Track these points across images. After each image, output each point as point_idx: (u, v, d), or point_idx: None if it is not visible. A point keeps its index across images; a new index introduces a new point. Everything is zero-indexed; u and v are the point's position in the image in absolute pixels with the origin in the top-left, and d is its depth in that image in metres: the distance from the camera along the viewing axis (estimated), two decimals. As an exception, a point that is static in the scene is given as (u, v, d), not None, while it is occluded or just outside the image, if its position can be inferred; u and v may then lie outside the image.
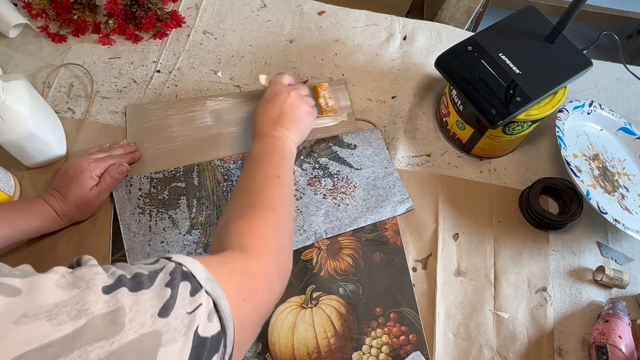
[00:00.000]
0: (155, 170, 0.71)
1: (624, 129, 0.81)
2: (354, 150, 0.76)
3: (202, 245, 0.67)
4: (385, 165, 0.75)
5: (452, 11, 1.32)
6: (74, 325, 0.28)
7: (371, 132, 0.78)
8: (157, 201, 0.69)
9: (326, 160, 0.75)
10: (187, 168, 0.72)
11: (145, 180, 0.70)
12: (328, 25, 0.89)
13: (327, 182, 0.73)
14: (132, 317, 0.31)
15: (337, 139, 0.77)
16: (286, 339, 0.63)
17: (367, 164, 0.75)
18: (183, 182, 0.71)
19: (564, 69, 0.68)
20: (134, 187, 0.69)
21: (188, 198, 0.70)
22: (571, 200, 0.72)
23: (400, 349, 0.64)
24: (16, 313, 0.27)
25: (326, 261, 0.68)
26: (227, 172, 0.72)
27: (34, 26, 0.81)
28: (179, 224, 0.68)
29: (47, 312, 0.28)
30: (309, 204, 0.71)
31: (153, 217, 0.68)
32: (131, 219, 0.67)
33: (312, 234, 0.69)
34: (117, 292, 0.31)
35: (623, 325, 0.63)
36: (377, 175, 0.74)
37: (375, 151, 0.76)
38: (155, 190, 0.70)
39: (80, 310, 0.29)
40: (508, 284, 0.69)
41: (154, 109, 0.76)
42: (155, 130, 0.75)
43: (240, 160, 0.73)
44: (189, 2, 0.88)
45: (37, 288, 0.29)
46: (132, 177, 0.70)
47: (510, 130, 0.70)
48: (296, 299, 0.65)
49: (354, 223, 0.70)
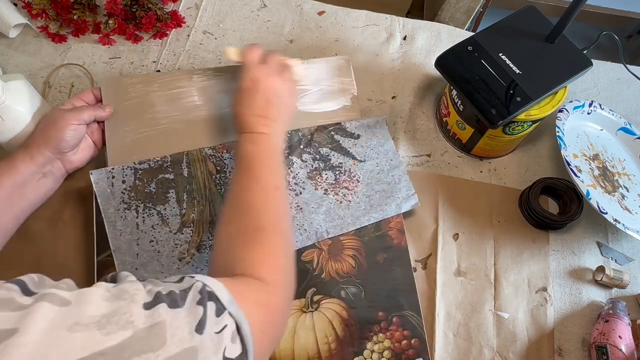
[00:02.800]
0: (140, 160, 0.65)
1: (624, 129, 0.81)
2: (357, 140, 0.73)
3: (195, 245, 0.63)
4: (391, 158, 0.72)
5: (452, 11, 1.32)
6: (122, 335, 0.30)
7: (376, 121, 0.74)
8: (143, 195, 0.63)
9: (327, 151, 0.71)
10: (175, 158, 0.66)
11: (129, 171, 0.64)
12: (328, 25, 0.89)
13: (328, 175, 0.70)
14: (172, 332, 0.32)
15: (339, 126, 0.73)
16: (286, 344, 0.61)
17: (372, 155, 0.72)
18: (171, 173, 0.65)
19: (564, 69, 0.68)
20: (117, 180, 0.63)
21: (177, 191, 0.65)
22: (571, 200, 0.72)
23: (402, 354, 0.63)
24: (69, 321, 0.29)
25: (327, 262, 0.66)
26: (220, 162, 0.67)
27: (34, 26, 0.81)
28: (168, 220, 0.63)
29: (96, 322, 0.30)
30: (309, 201, 0.68)
31: (140, 213, 0.63)
32: (116, 216, 0.62)
33: (312, 233, 0.66)
34: (158, 308, 0.32)
35: (623, 325, 0.63)
36: (382, 169, 0.71)
37: (380, 142, 0.73)
38: (141, 183, 0.64)
39: (127, 322, 0.30)
40: (508, 284, 0.69)
41: (132, 83, 0.69)
42: (136, 111, 0.68)
43: (233, 150, 0.67)
44: (189, 2, 0.88)
45: (85, 300, 0.31)
46: (113, 167, 0.64)
47: (510, 130, 0.70)
48: (296, 303, 0.63)
49: (357, 222, 0.68)
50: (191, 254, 0.63)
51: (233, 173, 0.59)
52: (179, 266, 0.62)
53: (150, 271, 0.61)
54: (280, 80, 0.63)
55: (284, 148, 0.63)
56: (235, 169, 0.58)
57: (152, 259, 0.61)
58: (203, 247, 0.63)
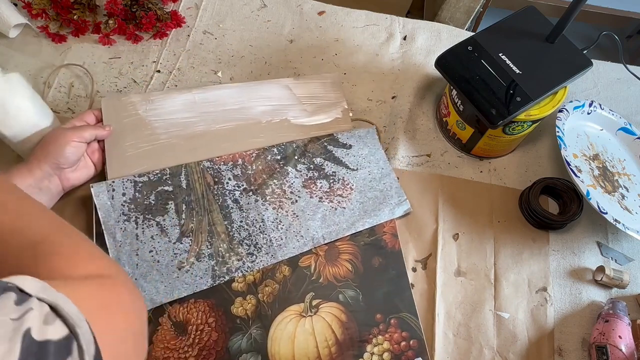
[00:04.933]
0: (139, 173, 0.67)
1: (624, 129, 0.81)
2: (349, 150, 0.75)
3: (194, 254, 0.64)
4: (382, 166, 0.75)
5: (452, 11, 1.32)
6: None
7: (367, 132, 0.77)
8: (143, 207, 0.65)
9: (321, 160, 0.74)
10: (174, 170, 0.69)
11: (129, 184, 0.66)
12: (328, 25, 0.89)
13: (322, 184, 0.72)
14: None
15: (331, 137, 0.75)
16: (286, 349, 0.62)
17: (364, 164, 0.74)
18: (170, 185, 0.67)
19: (564, 69, 0.68)
20: (117, 192, 0.65)
21: (176, 203, 0.67)
22: (571, 200, 0.72)
23: (402, 355, 0.63)
24: None
25: (325, 267, 0.67)
26: (217, 174, 0.70)
27: (34, 26, 0.81)
28: (168, 231, 0.65)
29: None
30: (305, 208, 0.70)
31: (139, 224, 0.64)
32: (116, 228, 0.63)
33: (309, 239, 0.68)
34: None
35: (623, 325, 0.63)
36: (374, 177, 0.74)
37: (371, 151, 0.76)
38: (141, 195, 0.66)
39: None
40: (508, 284, 0.69)
41: (132, 102, 0.72)
42: (135, 127, 0.71)
43: (230, 162, 0.71)
44: (189, 2, 0.88)
45: None
46: (114, 180, 0.66)
47: (510, 130, 0.70)
48: (295, 308, 0.64)
49: (352, 227, 0.69)
50: (190, 263, 0.64)
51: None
52: (178, 275, 0.63)
53: (149, 281, 0.62)
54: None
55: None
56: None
57: (152, 268, 0.63)
58: (202, 255, 0.65)
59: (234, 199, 0.69)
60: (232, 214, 0.68)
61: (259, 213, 0.68)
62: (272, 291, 0.65)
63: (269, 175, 0.71)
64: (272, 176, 0.71)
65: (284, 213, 0.69)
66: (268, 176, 0.71)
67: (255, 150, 0.73)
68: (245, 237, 0.67)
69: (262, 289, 0.65)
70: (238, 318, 0.63)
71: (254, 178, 0.71)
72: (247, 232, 0.67)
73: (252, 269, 0.65)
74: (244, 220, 0.68)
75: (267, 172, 0.72)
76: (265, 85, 0.79)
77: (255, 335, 0.62)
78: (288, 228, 0.68)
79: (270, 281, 0.65)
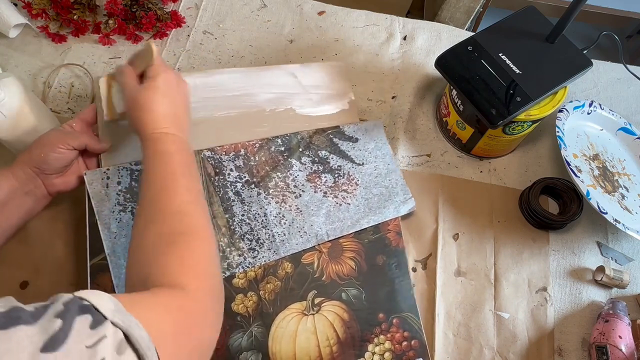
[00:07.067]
0: (136, 161, 0.64)
1: (624, 129, 0.81)
2: (355, 143, 0.73)
3: None
4: (388, 162, 0.73)
5: (452, 11, 1.32)
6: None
7: (374, 125, 0.75)
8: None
9: (326, 154, 0.71)
10: None
11: (125, 172, 0.63)
12: (328, 25, 0.89)
13: (327, 178, 0.70)
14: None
15: (337, 129, 0.73)
16: (288, 348, 0.61)
17: (370, 159, 0.73)
18: None
19: (564, 69, 0.68)
20: (112, 181, 0.62)
21: None
22: (571, 200, 0.72)
23: (403, 355, 0.63)
24: None
25: (328, 265, 0.66)
26: (218, 164, 0.66)
27: (34, 26, 0.81)
28: None
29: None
30: (309, 203, 0.68)
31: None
32: (110, 218, 0.60)
33: (313, 236, 0.66)
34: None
35: (623, 325, 0.63)
36: (380, 172, 0.72)
37: (377, 145, 0.74)
38: (138, 185, 0.63)
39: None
40: (508, 284, 0.69)
41: None
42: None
43: (232, 152, 0.68)
44: (189, 2, 0.88)
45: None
46: (108, 168, 0.62)
47: (510, 130, 0.70)
48: (297, 306, 0.63)
49: (357, 224, 0.68)
50: None
51: (142, 177, 0.53)
52: None
53: None
54: (182, 85, 0.61)
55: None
56: (146, 173, 0.53)
57: None
58: None
59: (235, 191, 0.66)
60: (233, 207, 0.65)
61: (262, 207, 0.66)
62: (274, 288, 0.64)
63: (272, 167, 0.69)
64: (276, 168, 0.69)
65: (287, 208, 0.67)
66: (271, 168, 0.69)
67: (258, 141, 0.70)
68: (247, 231, 0.65)
69: (263, 285, 0.63)
70: (239, 315, 0.62)
71: (257, 170, 0.68)
72: (249, 226, 0.65)
73: (253, 265, 0.64)
74: (246, 214, 0.65)
75: (270, 164, 0.69)
76: (270, 71, 0.75)
77: (256, 333, 0.61)
78: (291, 223, 0.66)
79: (272, 278, 0.64)
